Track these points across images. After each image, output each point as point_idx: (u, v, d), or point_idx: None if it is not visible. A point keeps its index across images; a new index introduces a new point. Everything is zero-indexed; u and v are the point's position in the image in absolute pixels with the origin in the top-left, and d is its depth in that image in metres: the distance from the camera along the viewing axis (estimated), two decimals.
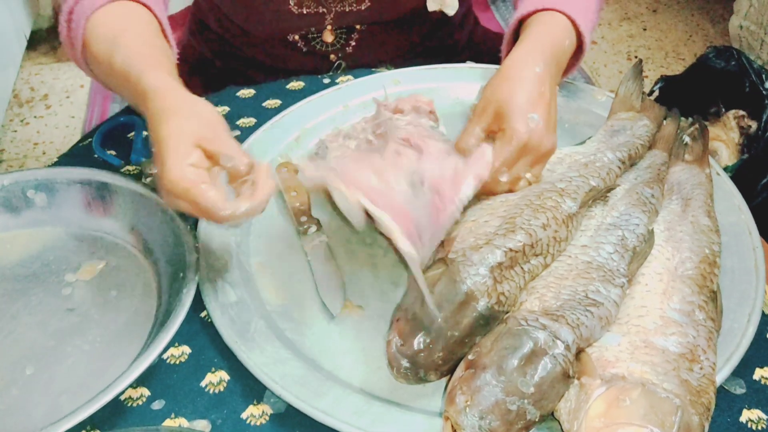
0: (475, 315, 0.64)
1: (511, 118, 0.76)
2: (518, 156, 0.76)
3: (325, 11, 1.06)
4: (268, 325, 0.71)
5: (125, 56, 0.75)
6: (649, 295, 0.67)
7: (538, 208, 0.72)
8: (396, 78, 1.02)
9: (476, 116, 0.79)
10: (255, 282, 0.77)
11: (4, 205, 0.83)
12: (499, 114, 0.77)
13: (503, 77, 0.80)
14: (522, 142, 0.75)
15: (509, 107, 0.76)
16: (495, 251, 0.67)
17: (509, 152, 0.75)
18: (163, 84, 0.71)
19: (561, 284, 0.67)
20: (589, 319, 0.63)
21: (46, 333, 0.73)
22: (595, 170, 0.79)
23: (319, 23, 1.08)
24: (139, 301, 0.76)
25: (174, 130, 0.67)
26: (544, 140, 0.76)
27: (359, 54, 1.13)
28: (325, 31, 1.10)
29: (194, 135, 0.66)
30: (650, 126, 0.88)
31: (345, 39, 1.11)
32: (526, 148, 0.76)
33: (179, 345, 0.72)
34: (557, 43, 0.84)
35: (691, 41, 2.55)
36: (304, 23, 1.07)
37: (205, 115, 0.69)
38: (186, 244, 0.75)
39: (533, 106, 0.76)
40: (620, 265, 0.69)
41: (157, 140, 0.67)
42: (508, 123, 0.76)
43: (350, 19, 1.08)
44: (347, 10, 1.06)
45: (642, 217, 0.74)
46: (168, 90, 0.70)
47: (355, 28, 1.10)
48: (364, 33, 1.11)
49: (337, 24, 1.08)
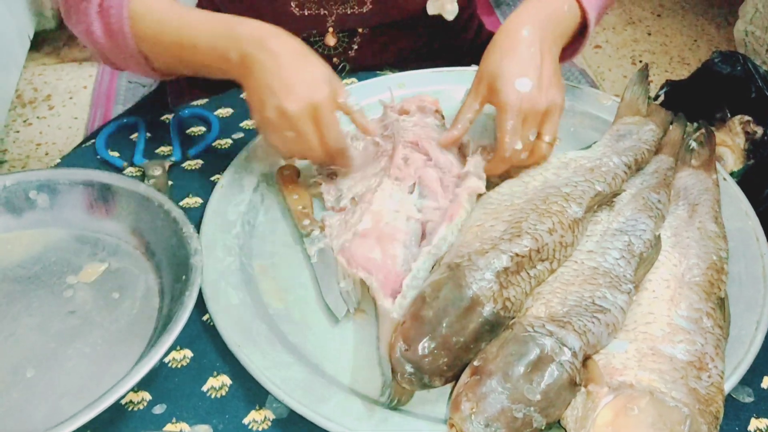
0: (480, 320, 0.63)
1: (500, 90, 0.78)
2: (519, 123, 0.78)
3: (327, 13, 1.05)
4: (270, 329, 0.71)
5: (199, 18, 0.84)
6: (657, 301, 0.67)
7: (543, 212, 0.72)
8: (401, 81, 1.01)
9: (472, 90, 0.82)
10: (257, 285, 0.77)
11: (6, 206, 0.82)
12: (491, 86, 0.80)
13: (493, 47, 0.82)
14: (515, 109, 0.77)
15: (498, 78, 0.78)
16: (501, 256, 0.67)
17: (508, 123, 0.77)
18: (273, 27, 0.80)
19: (567, 290, 0.66)
20: (596, 326, 0.62)
21: (47, 335, 0.72)
22: (600, 175, 0.78)
23: (321, 25, 1.07)
24: (141, 303, 0.75)
25: (320, 73, 0.79)
26: (539, 100, 0.78)
27: (362, 57, 1.12)
28: (327, 34, 1.09)
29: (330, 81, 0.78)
30: (656, 131, 0.87)
31: (347, 42, 1.10)
32: (523, 113, 0.77)
33: (181, 348, 0.71)
34: (553, 7, 0.84)
35: (696, 46, 2.55)
36: (305, 25, 1.07)
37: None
38: (188, 246, 0.74)
39: (523, 70, 0.78)
40: (627, 271, 0.68)
41: (301, 80, 0.77)
42: (498, 95, 0.78)
43: (352, 22, 1.07)
44: (348, 12, 1.06)
45: (648, 222, 0.74)
46: (281, 31, 0.80)
47: (357, 31, 1.09)
48: (367, 36, 1.10)
49: (339, 26, 1.08)
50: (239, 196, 0.85)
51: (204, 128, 1.00)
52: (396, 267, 0.74)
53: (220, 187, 0.85)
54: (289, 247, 0.82)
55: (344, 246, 0.77)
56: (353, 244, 0.76)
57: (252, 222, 0.84)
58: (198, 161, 0.94)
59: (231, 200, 0.84)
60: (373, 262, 0.74)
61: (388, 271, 0.73)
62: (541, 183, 0.79)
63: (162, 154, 0.96)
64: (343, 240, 0.78)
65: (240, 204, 0.84)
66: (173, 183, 0.91)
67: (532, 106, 0.78)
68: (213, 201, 0.83)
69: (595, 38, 2.62)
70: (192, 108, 1.03)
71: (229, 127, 0.99)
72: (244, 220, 0.83)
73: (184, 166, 0.93)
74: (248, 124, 1.00)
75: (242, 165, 0.89)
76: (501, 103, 0.78)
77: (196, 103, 1.05)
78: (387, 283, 0.72)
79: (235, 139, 0.98)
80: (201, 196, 0.88)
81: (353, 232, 0.78)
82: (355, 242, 0.76)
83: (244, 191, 0.86)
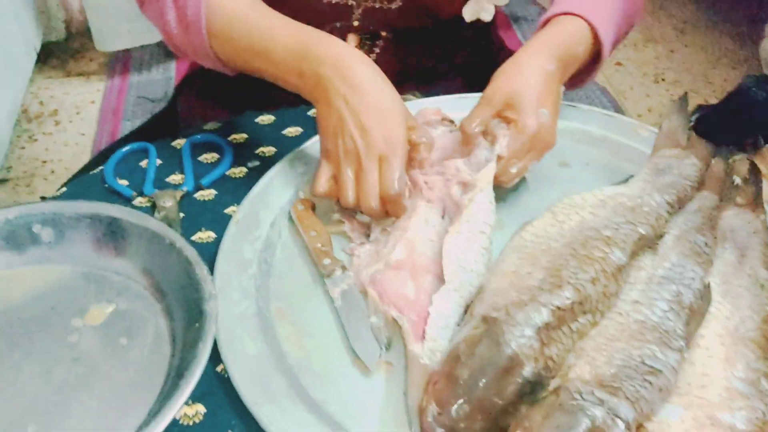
0: (520, 381, 0.58)
1: (523, 111, 0.80)
2: (527, 148, 0.81)
3: (354, 4, 1.02)
4: (289, 383, 0.65)
5: (276, 25, 0.82)
6: (711, 361, 0.61)
7: (584, 259, 0.67)
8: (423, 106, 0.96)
9: (485, 101, 0.82)
10: (275, 330, 0.72)
11: (8, 241, 0.78)
12: (510, 104, 0.81)
13: (517, 68, 0.83)
14: (531, 134, 0.80)
15: (522, 100, 0.80)
16: (541, 309, 0.61)
17: (521, 143, 0.80)
18: (352, 50, 0.80)
19: (613, 347, 0.61)
20: (648, 391, 0.57)
21: (50, 385, 0.67)
22: (643, 215, 0.73)
23: (346, 17, 1.03)
24: (150, 350, 0.70)
25: (399, 108, 0.78)
26: (550, 136, 0.81)
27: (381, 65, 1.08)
28: (350, 35, 1.05)
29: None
30: (698, 165, 0.82)
31: (369, 47, 1.06)
32: (534, 141, 0.80)
33: (193, 403, 0.66)
34: (571, 46, 0.86)
35: (720, 64, 2.49)
36: (330, 17, 1.02)
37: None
38: (202, 289, 0.70)
39: (543, 102, 0.80)
40: (677, 326, 0.63)
41: (379, 113, 0.76)
42: (519, 115, 0.80)
43: (378, 19, 1.03)
44: (377, 6, 1.02)
45: (697, 269, 0.68)
46: (362, 57, 0.80)
47: (380, 34, 1.05)
48: (389, 42, 1.06)
49: (364, 22, 1.03)
50: (255, 231, 0.80)
51: (217, 155, 0.95)
52: (429, 304, 0.70)
53: (235, 222, 0.80)
54: (309, 287, 0.77)
55: (376, 278, 0.73)
56: (385, 277, 0.73)
57: (269, 260, 0.79)
58: (211, 191, 0.90)
59: (247, 237, 0.79)
60: (405, 299, 0.71)
61: (421, 309, 0.70)
62: (577, 223, 0.73)
63: (173, 183, 0.91)
64: (374, 270, 0.74)
65: (256, 241, 0.79)
66: (185, 215, 0.86)
67: (544, 137, 0.81)
68: (228, 238, 0.79)
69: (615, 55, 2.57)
70: (205, 133, 0.99)
71: (244, 155, 0.95)
72: (261, 259, 0.78)
73: (196, 197, 0.89)
74: (264, 151, 0.95)
75: (259, 197, 0.84)
76: (522, 122, 0.79)
77: (208, 127, 1.00)
78: (419, 323, 0.68)
79: (250, 168, 0.93)
80: (214, 230, 0.84)
81: (385, 262, 0.74)
82: (388, 275, 0.73)
83: (261, 226, 0.81)
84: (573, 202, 0.77)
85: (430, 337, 0.66)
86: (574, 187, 0.82)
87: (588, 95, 2.17)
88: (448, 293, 0.69)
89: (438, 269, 0.73)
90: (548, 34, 0.86)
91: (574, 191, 0.79)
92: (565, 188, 0.83)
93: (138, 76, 2.51)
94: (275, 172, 0.87)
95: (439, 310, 0.68)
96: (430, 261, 0.74)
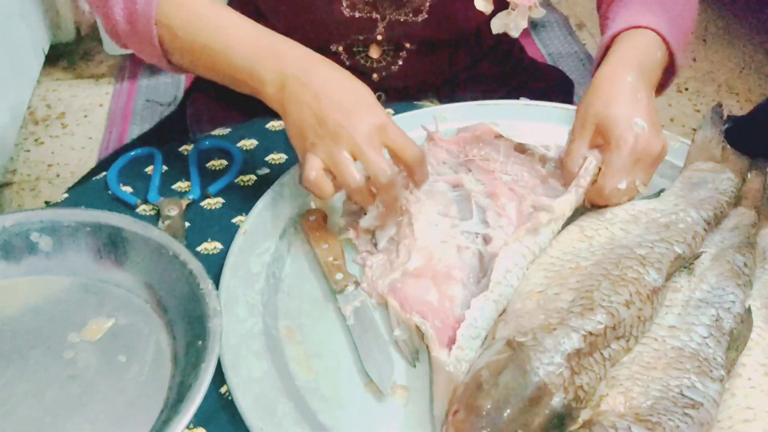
0: (548, 413, 0.54)
1: (615, 127, 0.74)
2: (630, 162, 0.74)
3: (378, 17, 0.97)
4: (297, 408, 0.61)
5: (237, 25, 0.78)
6: (754, 392, 0.57)
7: (617, 280, 0.62)
8: (443, 114, 0.92)
9: (577, 134, 0.77)
10: (283, 351, 0.68)
11: (5, 250, 0.74)
12: (600, 127, 0.75)
13: (596, 90, 0.78)
14: (631, 147, 0.73)
15: (610, 117, 0.74)
16: (571, 335, 0.57)
17: (622, 160, 0.73)
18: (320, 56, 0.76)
19: (649, 376, 0.56)
20: (689, 427, 0.52)
21: (42, 406, 0.63)
22: (678, 233, 0.68)
23: (370, 31, 0.99)
24: (150, 369, 0.66)
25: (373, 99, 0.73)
26: (653, 143, 0.74)
27: (403, 76, 1.04)
28: (373, 45, 1.01)
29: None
30: (735, 179, 0.78)
31: (392, 57, 1.02)
32: (637, 153, 0.74)
33: (194, 427, 0.62)
34: (648, 54, 0.82)
35: (744, 74, 2.43)
36: (353, 30, 0.98)
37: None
38: (206, 305, 0.66)
39: (634, 112, 0.75)
40: (717, 353, 0.58)
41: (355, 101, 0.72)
42: (612, 132, 0.74)
43: (402, 31, 0.99)
44: (402, 19, 0.97)
45: (737, 292, 0.64)
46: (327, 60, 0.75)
47: (404, 46, 1.01)
48: (413, 53, 1.02)
49: (388, 34, 0.99)
50: (264, 244, 0.76)
51: (226, 162, 0.91)
52: (454, 310, 0.67)
53: (242, 233, 0.76)
54: (319, 304, 0.73)
55: (395, 286, 0.70)
56: (406, 285, 0.70)
57: (277, 274, 0.75)
58: (219, 200, 0.85)
59: (254, 249, 0.75)
60: (428, 306, 0.67)
61: (445, 316, 0.67)
62: (607, 240, 0.69)
63: (179, 190, 0.87)
64: (391, 280, 0.71)
65: (264, 253, 0.75)
66: (190, 225, 0.82)
67: (646, 147, 0.74)
68: (234, 249, 0.74)
69: None
70: (213, 139, 0.95)
71: (253, 161, 0.91)
72: (269, 273, 0.74)
73: (203, 205, 0.85)
74: (275, 158, 0.91)
75: (268, 207, 0.80)
76: (615, 139, 0.73)
77: (216, 132, 0.96)
78: (444, 329, 0.65)
79: (260, 175, 0.89)
80: (221, 240, 0.79)
81: (402, 270, 0.71)
82: (408, 282, 0.70)
83: (270, 238, 0.77)
84: (602, 216, 0.73)
85: (459, 345, 0.62)
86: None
87: None
88: (487, 302, 0.65)
89: (459, 274, 0.70)
90: (621, 50, 0.82)
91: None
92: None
93: (147, 79, 2.47)
94: (286, 180, 0.83)
95: (474, 316, 0.64)
96: (450, 266, 0.71)
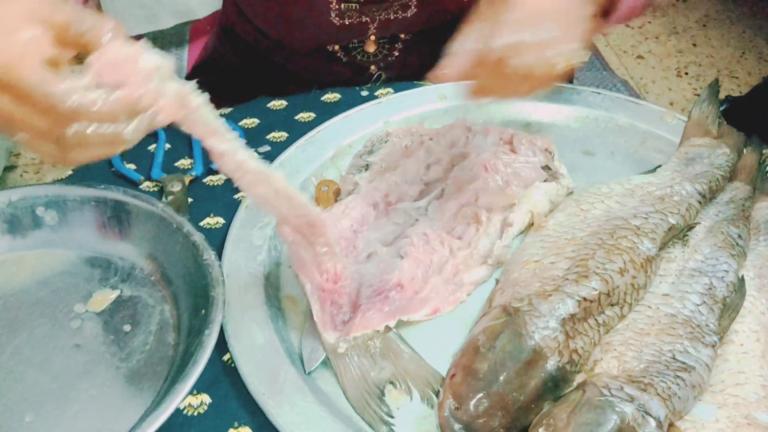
0: (543, 376, 0.55)
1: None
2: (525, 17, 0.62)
3: (369, 20, 0.98)
4: (299, 374, 0.62)
5: None
6: (746, 357, 0.58)
7: (612, 249, 0.63)
8: (441, 93, 0.93)
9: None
10: (285, 320, 0.69)
11: (11, 224, 0.75)
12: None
13: None
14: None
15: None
16: (566, 300, 0.58)
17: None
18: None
19: (642, 341, 0.58)
20: (681, 389, 0.53)
21: (49, 373, 0.64)
22: (673, 205, 0.69)
23: (362, 33, 1.00)
24: (155, 338, 0.67)
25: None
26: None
27: (401, 64, 1.05)
28: (368, 41, 1.01)
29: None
30: (730, 155, 0.78)
31: (388, 49, 1.03)
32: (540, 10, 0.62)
33: (198, 393, 0.63)
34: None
35: (744, 59, 2.43)
36: (346, 34, 0.99)
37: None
38: (209, 275, 0.67)
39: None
40: (709, 320, 0.59)
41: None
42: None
43: (394, 28, 1.00)
44: (392, 17, 0.98)
45: (731, 262, 0.65)
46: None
47: (399, 37, 1.02)
48: (409, 42, 1.02)
49: (381, 33, 1.00)
50: (265, 217, 0.77)
51: None
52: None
53: (244, 207, 0.77)
54: None
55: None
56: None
57: (279, 247, 0.76)
58: (221, 176, 0.86)
59: (256, 222, 0.76)
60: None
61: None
62: (603, 212, 0.70)
63: (182, 167, 0.88)
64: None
65: (266, 227, 0.76)
66: (193, 200, 0.83)
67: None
68: (237, 223, 0.76)
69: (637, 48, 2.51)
70: None
71: (254, 140, 0.92)
72: (271, 246, 0.75)
73: (205, 182, 0.86)
74: (275, 136, 0.92)
75: None
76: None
77: (219, 112, 0.97)
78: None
79: (261, 153, 0.90)
80: (223, 216, 0.81)
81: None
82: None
83: None
84: (598, 191, 0.74)
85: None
86: (598, 176, 0.78)
87: (609, 88, 2.12)
88: None
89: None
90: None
91: (598, 181, 0.75)
92: (590, 178, 0.80)
93: None
94: (286, 157, 0.84)
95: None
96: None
